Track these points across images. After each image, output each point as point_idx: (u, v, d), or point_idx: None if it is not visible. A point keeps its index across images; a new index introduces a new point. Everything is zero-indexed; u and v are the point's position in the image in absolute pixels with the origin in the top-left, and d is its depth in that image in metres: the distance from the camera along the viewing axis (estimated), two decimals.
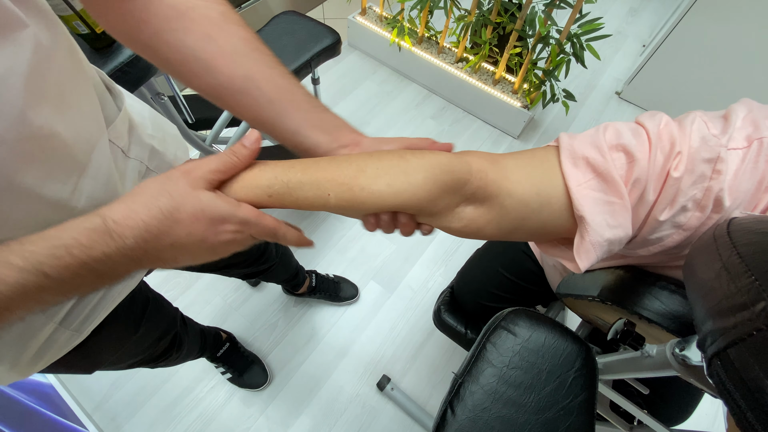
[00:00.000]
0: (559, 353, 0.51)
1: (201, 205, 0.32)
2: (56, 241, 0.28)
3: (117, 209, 0.30)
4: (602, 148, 0.37)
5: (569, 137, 0.40)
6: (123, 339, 0.61)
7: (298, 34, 1.24)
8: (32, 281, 0.27)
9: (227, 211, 0.33)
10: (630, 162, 0.37)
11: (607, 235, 0.37)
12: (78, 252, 0.28)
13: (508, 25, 1.58)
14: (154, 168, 0.52)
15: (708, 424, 1.27)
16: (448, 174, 0.37)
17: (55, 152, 0.35)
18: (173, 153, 0.56)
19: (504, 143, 1.86)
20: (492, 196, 0.39)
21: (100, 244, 0.29)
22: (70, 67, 0.37)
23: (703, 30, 1.66)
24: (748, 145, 0.35)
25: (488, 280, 0.94)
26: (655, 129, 0.37)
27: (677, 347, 0.40)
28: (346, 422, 1.22)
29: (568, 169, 0.38)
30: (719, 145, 0.35)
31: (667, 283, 0.46)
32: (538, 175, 0.39)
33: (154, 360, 0.78)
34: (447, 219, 0.39)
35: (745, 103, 0.38)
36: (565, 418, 0.47)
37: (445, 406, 0.50)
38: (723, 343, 0.24)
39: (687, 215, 0.37)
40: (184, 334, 0.87)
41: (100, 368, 0.61)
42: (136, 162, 0.49)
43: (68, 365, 0.53)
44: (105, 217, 0.30)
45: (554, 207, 0.38)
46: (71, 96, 0.37)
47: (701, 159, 0.35)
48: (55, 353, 0.48)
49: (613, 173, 0.36)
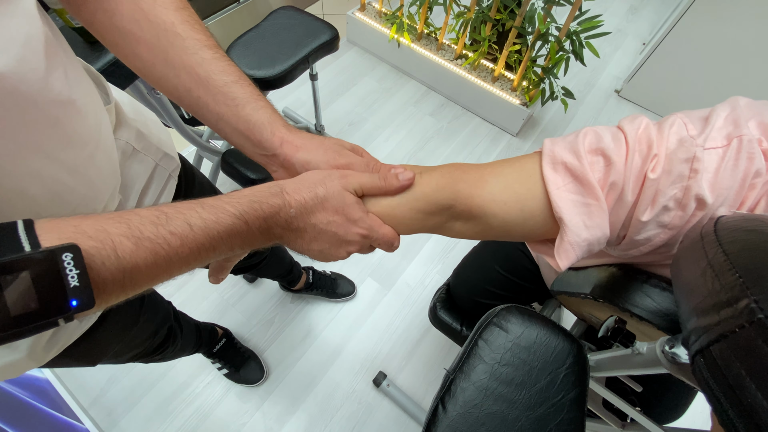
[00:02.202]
0: (551, 350, 0.51)
1: (344, 203, 0.39)
2: (253, 197, 0.35)
3: (290, 184, 0.38)
4: (579, 152, 0.39)
5: (551, 143, 0.42)
6: (125, 329, 0.62)
7: (296, 29, 1.23)
8: (237, 226, 0.33)
9: (360, 216, 0.40)
10: (607, 165, 0.38)
11: (585, 235, 0.39)
12: (266, 208, 0.35)
13: (508, 22, 1.57)
14: (141, 149, 0.54)
15: (703, 421, 1.27)
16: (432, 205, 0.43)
17: (73, 119, 0.37)
18: (157, 136, 0.58)
19: (502, 141, 1.86)
20: (477, 217, 0.43)
21: (278, 206, 0.36)
22: (65, 43, 0.39)
23: (703, 28, 1.66)
24: (728, 144, 0.36)
25: (484, 277, 0.94)
26: (634, 133, 0.39)
27: (667, 345, 0.40)
28: (342, 418, 1.22)
29: (548, 173, 0.40)
30: (695, 145, 0.36)
31: (659, 281, 0.46)
32: (523, 192, 0.41)
33: (149, 354, 0.78)
34: (438, 231, 0.45)
35: (730, 102, 0.39)
36: (556, 414, 0.47)
37: (436, 402, 0.51)
38: (706, 341, 0.24)
39: (670, 215, 0.38)
40: (177, 328, 0.87)
41: (102, 360, 0.61)
42: (122, 142, 0.51)
43: (75, 357, 0.54)
44: (282, 187, 0.37)
45: (538, 219, 0.41)
46: (77, 69, 0.39)
47: (678, 159, 0.36)
48: (67, 337, 0.49)
49: (589, 176, 0.38)
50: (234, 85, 0.41)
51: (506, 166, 0.44)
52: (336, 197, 0.39)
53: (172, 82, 0.41)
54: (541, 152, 0.42)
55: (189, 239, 0.29)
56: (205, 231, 0.30)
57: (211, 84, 0.41)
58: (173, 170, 0.61)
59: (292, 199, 0.37)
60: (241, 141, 0.43)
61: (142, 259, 0.27)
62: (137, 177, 0.53)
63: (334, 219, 0.39)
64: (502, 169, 0.43)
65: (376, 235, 0.42)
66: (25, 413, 1.03)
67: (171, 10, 0.41)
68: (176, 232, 0.29)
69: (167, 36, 0.40)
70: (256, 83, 1.14)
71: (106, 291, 0.25)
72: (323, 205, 0.38)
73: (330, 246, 0.40)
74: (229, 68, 0.42)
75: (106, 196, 0.44)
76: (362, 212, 0.41)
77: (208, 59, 0.41)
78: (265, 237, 0.37)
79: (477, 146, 1.84)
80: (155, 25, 0.40)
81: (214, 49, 0.42)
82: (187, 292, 1.38)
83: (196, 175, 0.73)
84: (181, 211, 0.30)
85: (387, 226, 0.43)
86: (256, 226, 0.34)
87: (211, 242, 0.31)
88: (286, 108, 1.83)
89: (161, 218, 0.29)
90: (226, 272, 0.46)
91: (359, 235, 0.40)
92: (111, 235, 0.26)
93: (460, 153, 1.81)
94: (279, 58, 1.16)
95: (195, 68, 0.40)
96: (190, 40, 0.41)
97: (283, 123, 0.43)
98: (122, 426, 1.17)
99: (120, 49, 0.42)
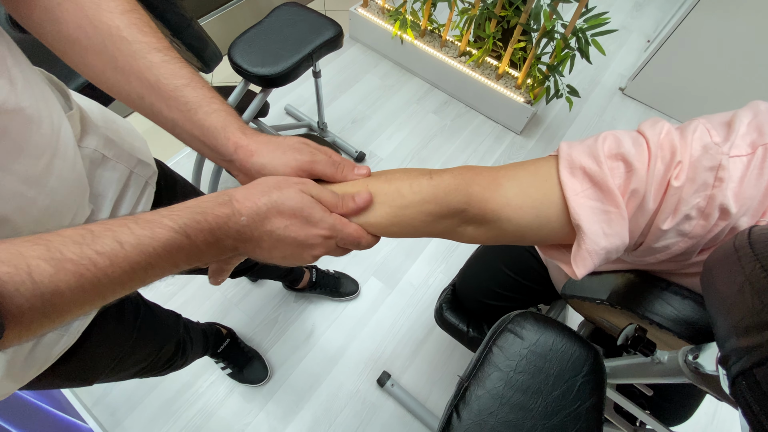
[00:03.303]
0: (567, 357, 0.50)
1: (302, 205, 0.37)
2: (197, 208, 0.33)
3: (240, 191, 0.36)
4: (599, 157, 0.38)
5: (568, 146, 0.41)
6: (118, 345, 0.60)
7: (299, 26, 1.21)
8: (177, 241, 0.30)
9: (320, 217, 0.38)
10: (628, 171, 0.37)
11: (604, 244, 0.38)
12: (211, 219, 0.33)
13: (513, 18, 1.55)
14: (112, 156, 0.52)
15: (707, 421, 1.27)
16: (444, 207, 0.41)
17: (23, 127, 0.35)
18: (129, 143, 0.56)
19: (506, 139, 1.85)
20: (491, 222, 0.41)
21: (226, 216, 0.34)
22: (17, 51, 0.37)
23: (709, 25, 1.64)
24: (753, 152, 0.35)
25: (490, 278, 0.93)
26: (656, 138, 0.38)
27: (690, 354, 0.39)
28: (346, 418, 1.22)
29: (565, 178, 0.39)
30: (721, 152, 0.35)
31: (679, 288, 0.45)
32: (539, 196, 0.40)
33: (159, 368, 0.77)
34: (450, 236, 0.44)
35: (751, 107, 0.38)
36: (573, 423, 0.46)
37: (450, 409, 0.50)
38: (748, 363, 0.23)
39: (691, 224, 0.37)
40: (188, 340, 0.86)
41: (100, 378, 0.60)
42: (89, 150, 0.49)
43: (65, 376, 0.52)
44: (231, 195, 0.35)
45: (554, 225, 0.40)
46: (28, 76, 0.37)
47: (703, 167, 0.35)
48: (46, 353, 0.47)
49: (609, 183, 0.37)
50: (185, 88, 0.40)
51: (521, 169, 0.42)
52: (292, 199, 0.36)
53: (125, 89, 0.40)
54: (558, 156, 0.41)
55: (119, 258, 0.27)
56: (138, 248, 0.28)
57: (161, 89, 0.39)
58: (150, 177, 0.59)
59: (242, 207, 0.35)
60: (200, 147, 0.42)
61: (64, 282, 0.25)
62: (109, 185, 0.51)
63: (291, 222, 0.37)
64: (516, 173, 0.42)
65: (340, 234, 0.39)
66: (29, 413, 1.03)
67: (117, 14, 0.39)
68: (104, 251, 0.27)
69: (113, 41, 0.38)
70: (259, 81, 1.13)
71: (24, 320, 0.23)
72: (279, 210, 0.36)
73: (292, 251, 0.38)
74: (180, 71, 0.40)
75: (74, 206, 0.43)
76: (322, 212, 0.38)
77: (157, 63, 0.39)
78: (216, 250, 0.34)
79: (480, 144, 1.82)
80: (100, 31, 0.38)
81: (164, 52, 0.40)
82: (190, 291, 1.37)
83: (177, 181, 0.71)
84: (110, 228, 0.28)
85: (353, 224, 0.40)
86: (200, 240, 0.32)
87: (147, 260, 0.29)
88: (288, 105, 1.82)
89: (86, 237, 0.27)
90: (226, 274, 0.45)
91: (321, 236, 0.38)
92: (26, 258, 0.24)
93: (464, 151, 1.79)
94: (282, 56, 1.14)
95: (144, 73, 0.39)
96: (137, 44, 0.39)
97: (239, 126, 0.41)
98: (126, 426, 1.16)
99: (69, 58, 0.40)
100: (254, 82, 1.14)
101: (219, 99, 0.41)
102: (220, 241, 0.34)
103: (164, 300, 1.34)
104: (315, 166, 0.41)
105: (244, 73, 1.12)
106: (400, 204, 0.41)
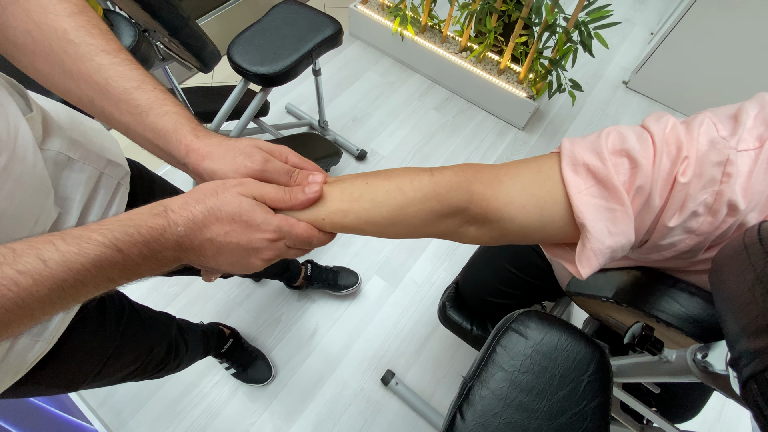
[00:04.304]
0: (572, 357, 0.49)
1: (240, 209, 0.35)
2: (128, 221, 0.31)
3: (175, 201, 0.35)
4: (602, 154, 0.37)
5: (570, 142, 0.40)
6: (100, 349, 0.59)
7: (298, 23, 1.21)
8: (108, 256, 0.29)
9: (262, 219, 0.36)
10: (633, 168, 0.36)
11: (609, 243, 0.37)
12: (145, 232, 0.31)
13: (514, 13, 1.54)
14: (78, 158, 0.51)
15: (714, 417, 1.26)
16: (445, 205, 0.40)
17: None
18: (98, 144, 0.55)
19: (509, 134, 1.84)
20: (493, 221, 0.40)
21: (161, 228, 0.33)
22: None
23: (713, 18, 1.62)
24: (761, 146, 0.34)
25: (494, 275, 0.92)
26: (661, 133, 0.37)
27: (699, 353, 0.38)
28: (350, 417, 1.22)
29: (568, 175, 0.38)
30: (728, 147, 0.34)
31: (687, 285, 0.44)
32: (542, 195, 0.39)
33: (151, 371, 0.76)
34: (452, 236, 0.43)
35: (758, 100, 0.37)
36: (579, 423, 0.46)
37: (454, 410, 0.49)
38: (760, 366, 0.22)
39: (699, 220, 0.36)
40: (181, 342, 0.85)
41: (86, 383, 0.59)
42: (53, 152, 0.48)
43: (46, 382, 0.52)
44: (166, 206, 0.34)
45: (558, 224, 0.39)
46: None
47: (710, 162, 0.34)
48: (20, 360, 0.46)
49: (614, 180, 0.36)
50: (136, 91, 0.38)
51: (522, 167, 0.42)
52: (230, 204, 0.35)
53: (75, 93, 0.39)
54: (560, 153, 0.40)
55: (44, 277, 0.26)
56: (64, 265, 0.27)
57: (111, 92, 0.38)
58: (122, 178, 0.58)
59: (178, 216, 0.34)
60: (155, 150, 0.41)
61: None
62: (76, 187, 0.50)
63: (231, 228, 0.35)
64: (518, 170, 0.41)
65: (288, 235, 0.38)
66: (34, 416, 1.03)
67: (63, 17, 0.38)
68: (26, 270, 0.26)
69: (60, 44, 0.38)
70: (259, 80, 1.13)
71: None
72: (217, 216, 0.35)
73: (238, 258, 0.37)
74: (131, 72, 0.39)
75: (37, 209, 0.42)
76: (264, 214, 0.37)
77: (106, 65, 0.38)
78: (154, 263, 0.33)
79: (483, 140, 1.81)
80: (47, 35, 0.37)
81: (113, 54, 0.39)
82: (194, 291, 1.37)
83: (155, 182, 0.70)
84: (34, 246, 0.27)
85: (302, 223, 0.39)
86: (135, 253, 0.31)
87: (75, 277, 0.28)
88: (288, 104, 1.81)
89: (7, 256, 0.26)
90: (218, 272, 0.44)
91: (266, 240, 0.37)
92: None
93: (466, 147, 1.78)
94: (282, 54, 1.13)
95: (93, 76, 0.38)
96: (84, 46, 0.38)
97: (191, 127, 0.40)
98: (131, 426, 1.17)
99: (19, 62, 0.39)
100: (254, 81, 1.14)
101: (171, 100, 0.40)
102: (157, 254, 0.33)
103: (168, 300, 1.34)
104: (266, 174, 0.39)
105: (243, 72, 1.11)
106: (401, 202, 0.40)
